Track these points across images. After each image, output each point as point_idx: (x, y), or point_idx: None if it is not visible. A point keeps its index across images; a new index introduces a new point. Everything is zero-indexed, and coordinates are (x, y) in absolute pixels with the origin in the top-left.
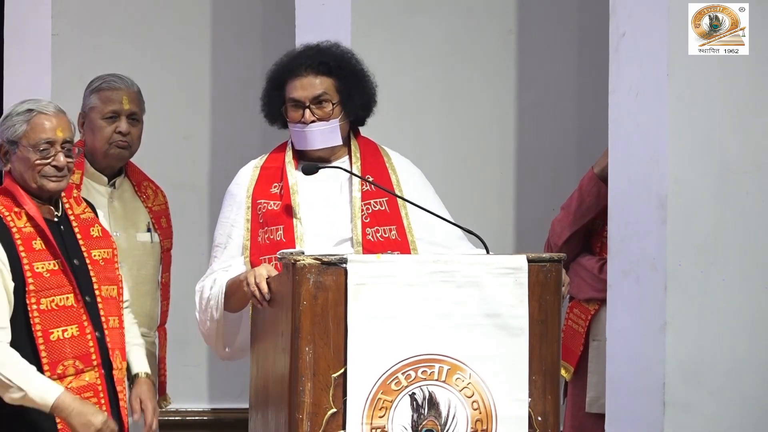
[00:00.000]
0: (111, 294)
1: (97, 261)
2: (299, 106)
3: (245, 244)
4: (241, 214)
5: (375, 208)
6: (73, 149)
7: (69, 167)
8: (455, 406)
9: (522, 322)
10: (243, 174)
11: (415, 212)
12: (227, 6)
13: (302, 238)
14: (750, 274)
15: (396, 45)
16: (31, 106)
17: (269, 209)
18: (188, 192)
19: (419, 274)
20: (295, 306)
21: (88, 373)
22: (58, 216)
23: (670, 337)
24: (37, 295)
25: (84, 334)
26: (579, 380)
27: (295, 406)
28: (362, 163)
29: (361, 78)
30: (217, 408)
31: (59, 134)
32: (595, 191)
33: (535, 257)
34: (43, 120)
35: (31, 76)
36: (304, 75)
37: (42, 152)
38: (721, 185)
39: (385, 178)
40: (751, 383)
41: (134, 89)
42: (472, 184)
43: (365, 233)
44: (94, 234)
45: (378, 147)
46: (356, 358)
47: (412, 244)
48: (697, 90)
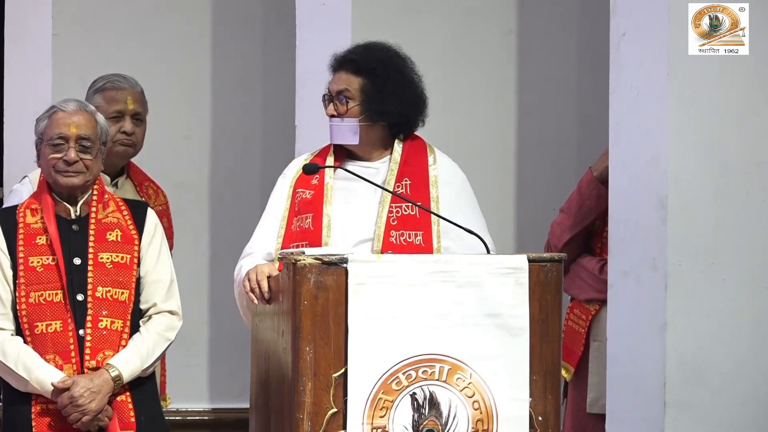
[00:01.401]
0: (114, 297)
1: (102, 264)
2: (328, 98)
3: (279, 232)
4: (283, 201)
5: (405, 212)
6: (93, 146)
7: (85, 164)
8: (456, 405)
9: (522, 322)
10: (296, 161)
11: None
12: (227, 5)
13: (330, 227)
14: (750, 273)
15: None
16: (57, 103)
17: (304, 198)
18: (188, 192)
19: (420, 274)
20: (296, 306)
21: (67, 370)
22: (77, 215)
23: (671, 337)
24: (27, 288)
25: (66, 330)
26: (579, 381)
27: (295, 406)
28: (401, 166)
29: (395, 83)
30: (217, 408)
31: (73, 130)
32: (595, 194)
33: (536, 257)
34: (59, 116)
35: (31, 75)
36: (339, 69)
37: (55, 147)
38: (721, 185)
39: (423, 183)
40: (752, 383)
41: (138, 89)
42: (473, 183)
43: (388, 234)
44: (110, 238)
45: (427, 149)
46: (357, 357)
47: (437, 251)
48: (697, 90)
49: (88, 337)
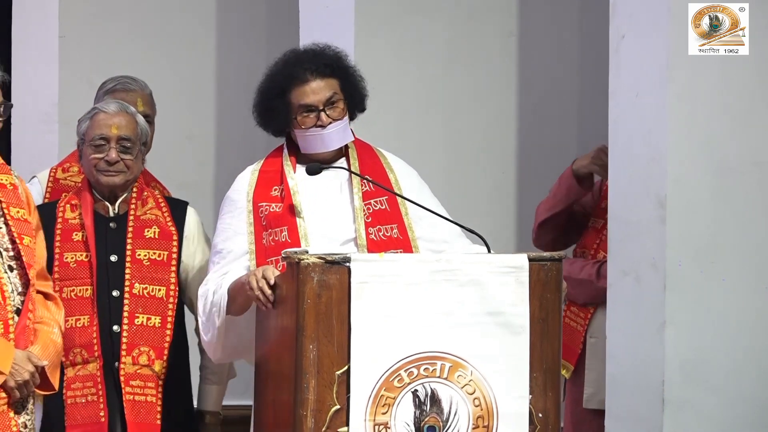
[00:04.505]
0: (151, 293)
1: (140, 260)
2: (312, 110)
3: (250, 248)
4: (243, 219)
5: (376, 207)
6: (133, 146)
7: (126, 163)
8: (457, 402)
9: (523, 321)
10: (241, 180)
11: (415, 210)
12: (232, 7)
13: (306, 237)
14: (749, 273)
15: (398, 46)
16: (98, 105)
17: (271, 211)
18: (192, 192)
19: (422, 273)
20: (299, 304)
21: (91, 364)
22: (115, 213)
23: (670, 336)
24: (60, 284)
25: (92, 325)
26: (577, 377)
27: (299, 403)
28: (360, 164)
29: (356, 76)
30: (222, 405)
31: (114, 131)
32: (565, 186)
33: (536, 256)
34: (101, 117)
35: (38, 77)
36: (310, 80)
37: (97, 147)
38: (720, 184)
39: (384, 178)
40: (750, 382)
41: (147, 91)
42: (474, 183)
43: (368, 233)
44: (148, 235)
45: (373, 148)
46: (359, 355)
47: (413, 241)
48: (696, 90)
49: (124, 333)
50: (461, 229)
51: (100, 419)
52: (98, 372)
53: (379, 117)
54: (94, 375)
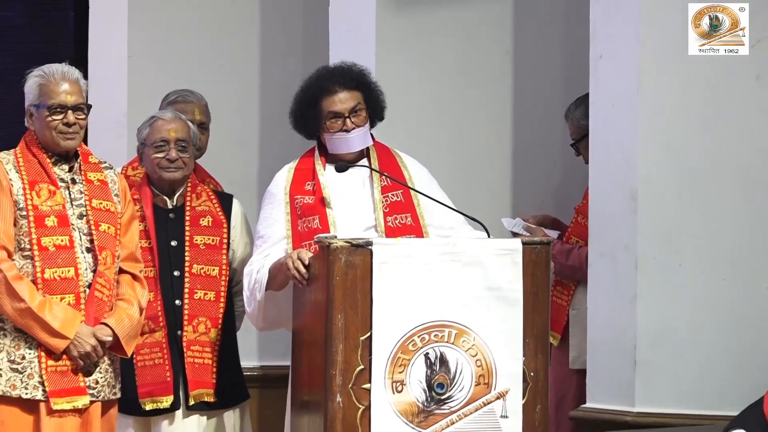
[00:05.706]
0: (207, 273)
1: (197, 245)
2: (339, 117)
3: (287, 234)
4: (281, 209)
5: (393, 199)
6: (188, 147)
7: (183, 161)
8: (462, 363)
9: (517, 295)
10: (279, 177)
11: (425, 202)
12: (273, 29)
13: (335, 225)
14: (707, 257)
15: (412, 64)
16: (156, 114)
17: (305, 203)
18: (240, 187)
19: (432, 254)
20: (329, 281)
21: (158, 333)
22: (173, 205)
23: (640, 308)
24: None
25: (157, 300)
26: (562, 343)
27: (329, 364)
28: (379, 163)
29: (377, 89)
30: (265, 365)
31: (172, 134)
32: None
33: (528, 240)
34: (160, 123)
35: (110, 92)
36: (338, 91)
37: (158, 148)
38: (683, 182)
39: (399, 174)
40: (707, 346)
41: (203, 102)
42: (476, 180)
43: (386, 221)
44: (203, 223)
45: (390, 150)
46: (380, 323)
47: (424, 228)
48: (662, 102)
49: (186, 307)
50: (465, 217)
51: (166, 378)
52: (164, 339)
53: (396, 123)
54: (160, 342)
